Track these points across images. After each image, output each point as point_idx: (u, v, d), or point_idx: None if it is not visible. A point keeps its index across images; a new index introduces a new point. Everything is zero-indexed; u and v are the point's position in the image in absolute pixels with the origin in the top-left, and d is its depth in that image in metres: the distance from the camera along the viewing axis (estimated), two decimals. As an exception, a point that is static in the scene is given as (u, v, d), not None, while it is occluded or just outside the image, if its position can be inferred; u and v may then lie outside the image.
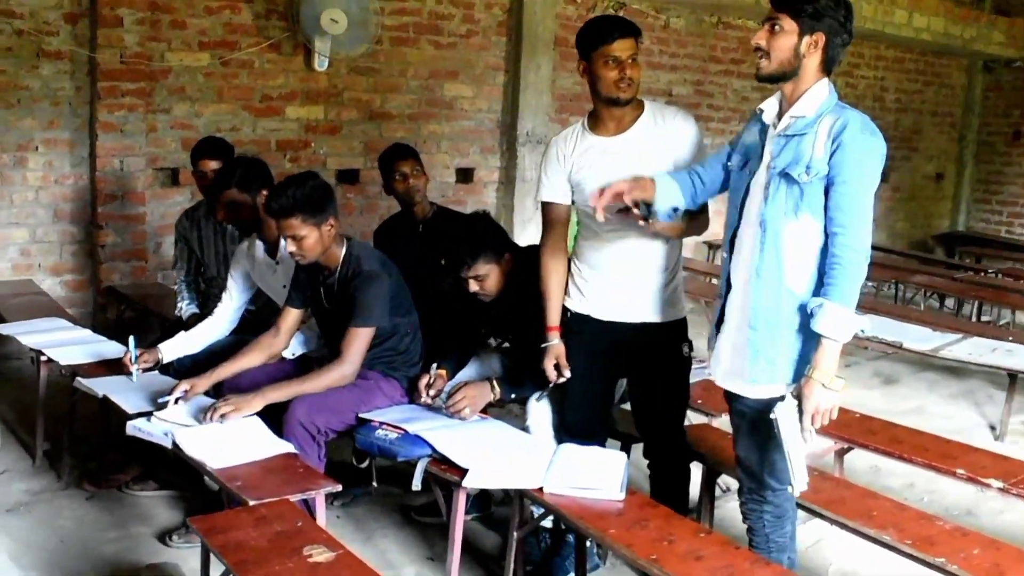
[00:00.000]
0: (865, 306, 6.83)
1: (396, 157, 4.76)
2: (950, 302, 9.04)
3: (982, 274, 9.21)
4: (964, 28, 10.65)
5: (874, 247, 9.48)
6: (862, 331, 2.83)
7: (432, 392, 3.74)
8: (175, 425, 3.41)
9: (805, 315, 2.76)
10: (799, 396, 2.74)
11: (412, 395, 3.85)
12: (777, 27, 2.76)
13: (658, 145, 3.31)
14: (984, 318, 8.44)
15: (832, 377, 2.70)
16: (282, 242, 4.11)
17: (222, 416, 3.40)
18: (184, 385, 3.62)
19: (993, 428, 5.76)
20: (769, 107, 2.88)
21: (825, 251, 2.75)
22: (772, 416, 2.75)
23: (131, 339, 3.98)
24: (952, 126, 12.42)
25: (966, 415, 6.04)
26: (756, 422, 2.90)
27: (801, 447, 2.77)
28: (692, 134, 3.37)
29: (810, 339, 2.76)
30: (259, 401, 3.50)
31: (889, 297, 9.12)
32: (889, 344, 6.00)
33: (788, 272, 2.79)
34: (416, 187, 4.73)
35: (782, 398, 2.78)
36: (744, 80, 9.71)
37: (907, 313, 7.03)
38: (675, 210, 3.07)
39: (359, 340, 3.69)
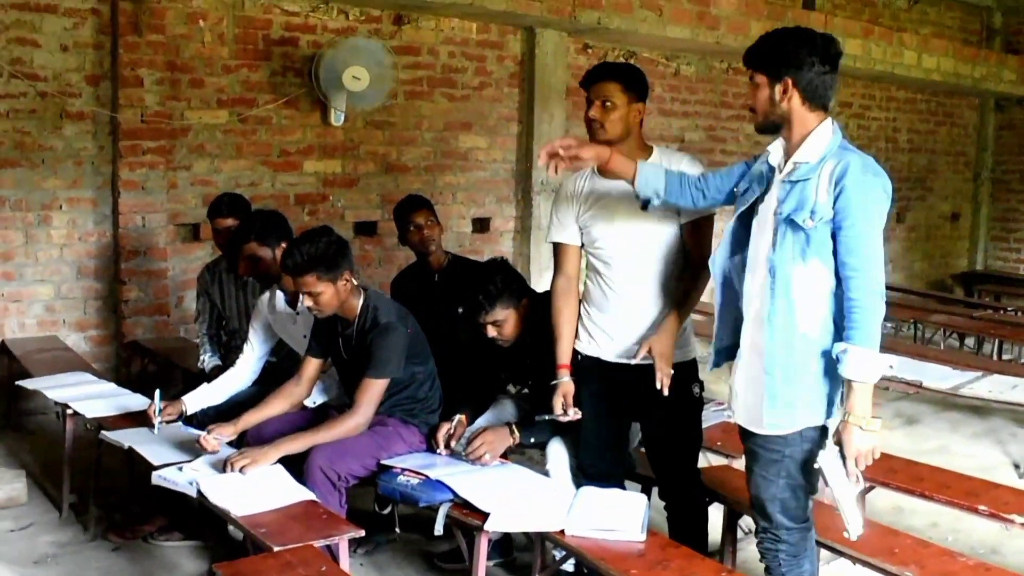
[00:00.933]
0: (884, 346, 6.74)
1: (410, 209, 4.84)
2: (970, 341, 9.00)
3: (1001, 312, 9.18)
4: (974, 67, 10.72)
5: (892, 287, 9.45)
6: (891, 367, 2.84)
7: (453, 442, 3.78)
8: (199, 474, 3.46)
9: (820, 358, 2.80)
10: (839, 442, 2.77)
11: (431, 443, 3.89)
12: (754, 83, 2.90)
13: None
14: (1005, 356, 8.39)
15: (868, 419, 2.73)
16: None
17: (241, 469, 3.45)
18: (212, 432, 3.67)
19: (1017, 466, 5.72)
20: (775, 150, 2.95)
21: (836, 294, 2.78)
22: (817, 466, 2.79)
23: (156, 392, 4.04)
24: (966, 165, 12.45)
25: (989, 454, 6.00)
26: (771, 461, 2.91)
27: (850, 492, 2.79)
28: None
29: (828, 380, 2.81)
30: (274, 453, 3.55)
31: (908, 337, 9.10)
32: (909, 383, 5.97)
33: (800, 317, 2.82)
34: (431, 237, 4.80)
35: (804, 438, 2.83)
36: (756, 125, 9.77)
37: (926, 352, 7.00)
38: (656, 196, 3.12)
39: (372, 391, 3.73)
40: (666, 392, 3.28)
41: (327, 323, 3.90)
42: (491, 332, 3.84)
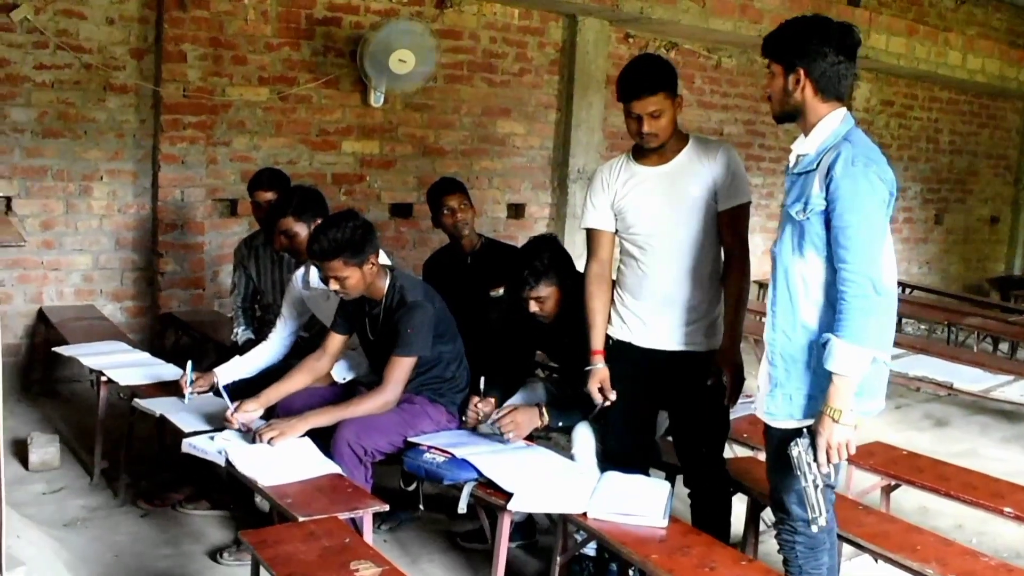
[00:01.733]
0: (916, 347, 6.78)
1: (444, 192, 4.87)
2: (1004, 346, 8.91)
3: (1037, 317, 9.08)
4: (1019, 70, 10.60)
5: (927, 289, 9.38)
6: (884, 362, 2.81)
7: (481, 413, 3.80)
8: (229, 443, 3.51)
9: (818, 350, 2.78)
10: (813, 431, 2.76)
11: (461, 419, 3.92)
12: (771, 73, 2.89)
13: (698, 177, 3.37)
14: (1039, 362, 8.31)
15: (844, 412, 2.70)
16: None
17: (269, 440, 3.49)
18: (239, 404, 3.72)
19: (1046, 472, 5.68)
20: (797, 143, 2.94)
21: (832, 285, 2.76)
22: (789, 452, 2.78)
23: (188, 363, 4.09)
24: (1007, 169, 12.31)
25: (1018, 458, 5.94)
26: (779, 452, 2.91)
27: (818, 482, 2.78)
28: (734, 164, 3.42)
29: (822, 374, 2.77)
30: (302, 425, 3.59)
31: (941, 339, 9.02)
32: (939, 384, 5.94)
33: (801, 307, 2.83)
34: (464, 221, 4.83)
35: (800, 432, 2.80)
36: (796, 120, 9.72)
37: (959, 355, 6.94)
38: None
39: (400, 369, 3.76)
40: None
41: (354, 301, 3.93)
42: (533, 307, 3.86)
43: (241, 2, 6.42)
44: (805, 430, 2.79)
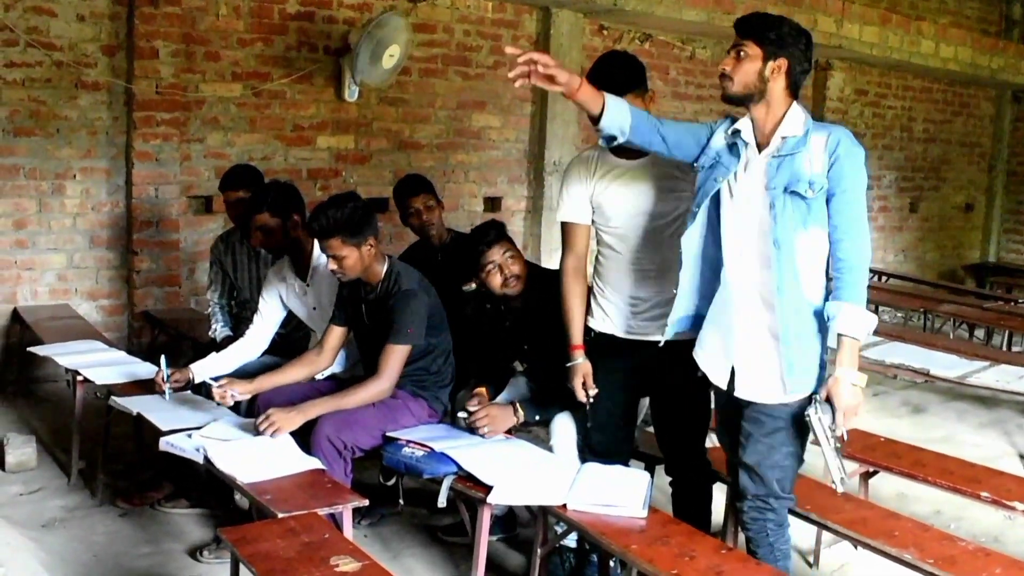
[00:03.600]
0: (892, 334, 6.82)
1: (408, 193, 4.86)
2: (979, 332, 8.99)
3: (1012, 304, 9.15)
4: (992, 58, 10.67)
5: (903, 277, 9.42)
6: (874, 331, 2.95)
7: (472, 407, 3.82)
8: (207, 440, 3.49)
9: (819, 323, 2.92)
10: (828, 398, 2.85)
11: (453, 416, 3.94)
12: (743, 53, 2.94)
13: (676, 167, 3.36)
14: (1014, 348, 8.39)
15: (858, 374, 2.84)
16: (313, 261, 4.20)
17: (272, 434, 3.50)
18: (224, 383, 3.73)
19: (1022, 456, 5.72)
20: (745, 127, 3.00)
21: (827, 258, 2.93)
22: (807, 418, 2.86)
23: (162, 358, 4.06)
24: (981, 156, 12.40)
25: (995, 444, 6.00)
26: (775, 429, 2.98)
27: (838, 446, 2.88)
28: None
29: (822, 346, 2.95)
30: (300, 417, 3.59)
31: (917, 327, 9.09)
32: (916, 371, 5.97)
33: (805, 285, 2.92)
34: (430, 221, 4.83)
35: (810, 401, 2.90)
36: (771, 110, 9.76)
37: (935, 341, 6.99)
38: (621, 133, 3.03)
39: (396, 357, 3.76)
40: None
41: (351, 289, 3.93)
42: (496, 281, 3.87)
43: (213, -3, 6.38)
44: (816, 397, 2.89)
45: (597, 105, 2.98)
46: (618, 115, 2.99)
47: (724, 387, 3.11)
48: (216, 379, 3.89)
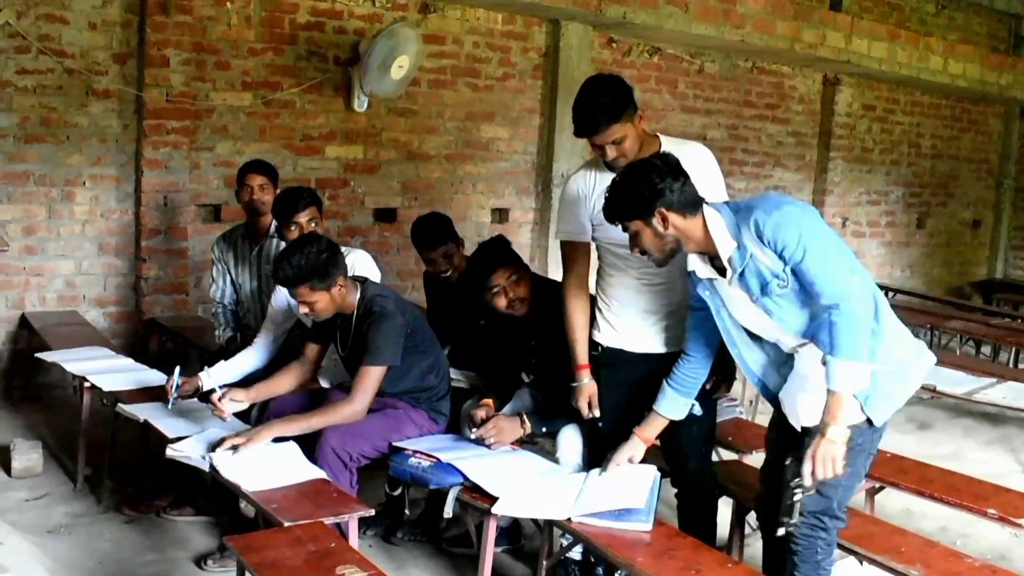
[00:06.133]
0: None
1: (425, 248, 4.64)
2: (986, 349, 8.97)
3: (1019, 321, 9.13)
4: (1000, 75, 10.67)
5: (910, 293, 9.37)
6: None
7: (479, 418, 3.82)
8: (200, 448, 3.50)
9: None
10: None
11: (462, 425, 3.95)
12: (632, 232, 2.99)
13: None
14: (1022, 365, 8.35)
15: (832, 427, 2.83)
16: None
17: (234, 448, 3.45)
18: (225, 392, 3.74)
19: (1029, 473, 5.72)
20: (699, 267, 3.02)
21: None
22: (787, 462, 2.94)
23: (177, 369, 4.05)
24: (989, 173, 12.38)
25: (1002, 461, 5.99)
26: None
27: (799, 494, 2.92)
28: (709, 166, 3.44)
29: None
30: (267, 434, 3.55)
31: (924, 343, 9.05)
32: (923, 387, 5.95)
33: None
34: (449, 267, 4.64)
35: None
36: (778, 125, 9.78)
37: (942, 358, 6.93)
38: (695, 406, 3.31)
39: (368, 378, 3.71)
40: None
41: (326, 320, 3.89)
42: (501, 303, 3.87)
43: (224, 6, 6.40)
44: (806, 440, 2.89)
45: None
46: (675, 407, 3.31)
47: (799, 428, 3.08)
48: (222, 386, 3.90)
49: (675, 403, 3.28)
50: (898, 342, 2.98)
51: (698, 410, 3.38)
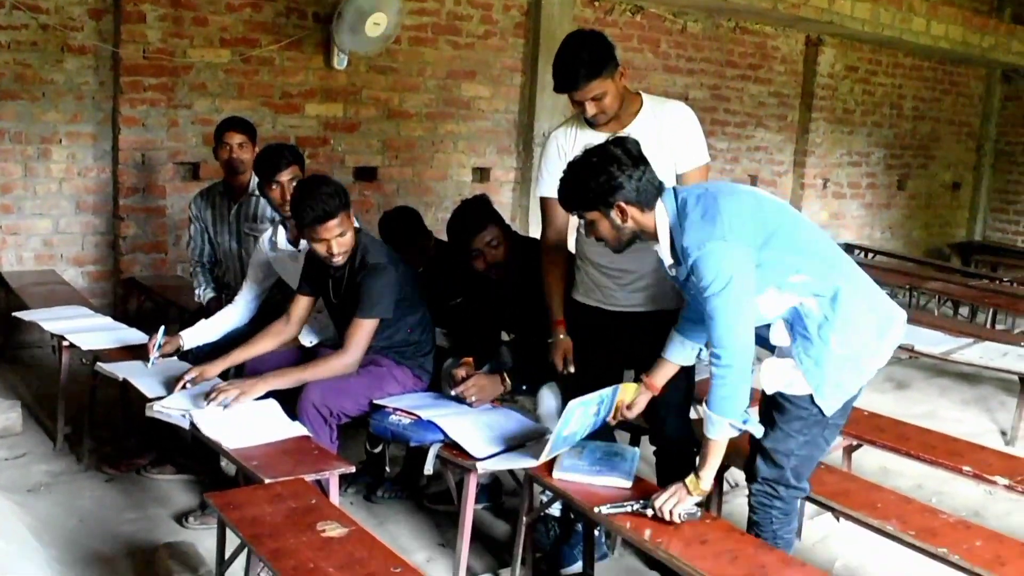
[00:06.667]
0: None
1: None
2: (964, 310, 9.04)
3: (997, 282, 9.19)
4: (982, 37, 10.65)
5: (889, 254, 9.44)
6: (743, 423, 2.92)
7: (459, 376, 3.82)
8: (187, 408, 3.48)
9: (820, 332, 2.90)
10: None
11: (443, 384, 3.95)
12: (589, 221, 2.98)
13: (656, 140, 3.34)
14: (998, 326, 8.43)
15: (699, 487, 2.93)
16: None
17: (224, 401, 3.43)
18: (194, 371, 3.69)
19: (1004, 433, 5.77)
20: (663, 254, 2.98)
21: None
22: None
23: (161, 328, 4.03)
24: (970, 135, 12.40)
25: (978, 420, 6.05)
26: (796, 417, 2.98)
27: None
28: (690, 125, 3.43)
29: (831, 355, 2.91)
30: (261, 386, 3.55)
31: (903, 303, 9.10)
32: (901, 347, 6.00)
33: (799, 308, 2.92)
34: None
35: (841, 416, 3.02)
36: (760, 85, 9.75)
37: (920, 318, 7.01)
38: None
39: (362, 331, 3.72)
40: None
41: (317, 263, 3.88)
42: (480, 264, 3.91)
43: (202, -39, 6.32)
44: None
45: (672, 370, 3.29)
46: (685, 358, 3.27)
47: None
48: (199, 348, 3.91)
49: (683, 348, 3.25)
50: (857, 330, 2.91)
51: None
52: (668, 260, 2.93)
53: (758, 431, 2.96)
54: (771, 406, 3.05)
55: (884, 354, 3.02)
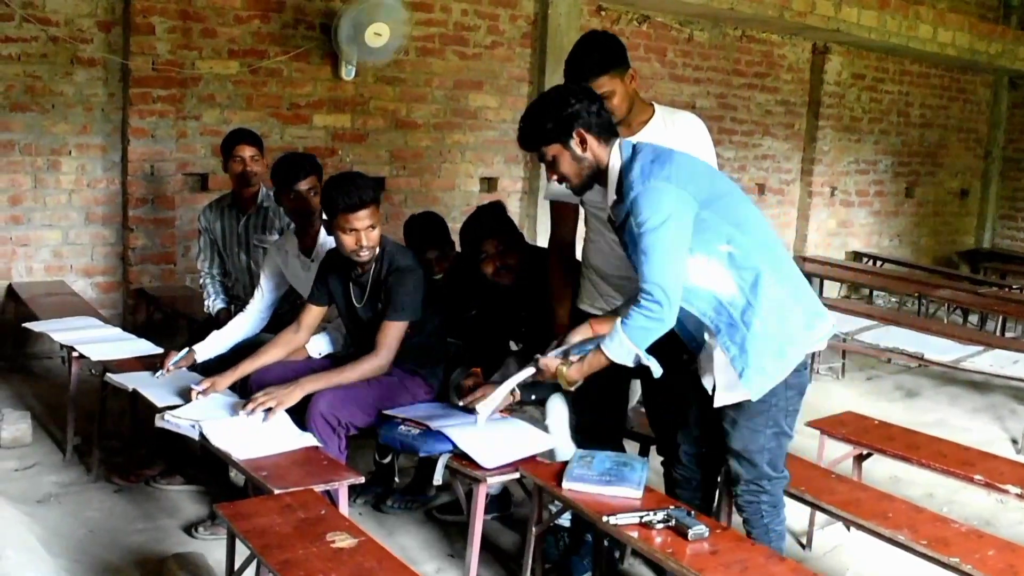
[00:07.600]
0: (887, 319, 6.85)
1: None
2: (974, 318, 9.01)
3: (1006, 290, 9.17)
4: (989, 44, 10.64)
5: (898, 262, 9.42)
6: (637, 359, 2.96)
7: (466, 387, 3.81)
8: (202, 418, 3.49)
9: (739, 317, 2.93)
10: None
11: (450, 394, 3.94)
12: (551, 158, 2.99)
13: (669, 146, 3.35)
14: (1008, 333, 8.40)
15: (573, 384, 3.07)
16: (320, 239, 4.16)
17: (266, 410, 3.46)
18: (206, 383, 3.70)
19: (1015, 441, 5.74)
20: (610, 190, 3.01)
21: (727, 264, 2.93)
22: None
23: (185, 350, 4.05)
24: (977, 142, 12.38)
25: (988, 428, 6.02)
26: (757, 412, 3.00)
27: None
28: (701, 137, 3.43)
29: (777, 331, 2.93)
30: (299, 392, 3.56)
31: (912, 311, 9.11)
32: (910, 355, 6.00)
33: (721, 294, 2.95)
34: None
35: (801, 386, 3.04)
36: (767, 94, 9.75)
37: (929, 326, 7.01)
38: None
39: (393, 333, 3.75)
40: None
41: (337, 271, 3.89)
42: (489, 269, 3.90)
43: (209, -27, 6.35)
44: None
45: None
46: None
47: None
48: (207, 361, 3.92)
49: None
50: (781, 317, 2.93)
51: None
52: (612, 197, 2.96)
53: (657, 370, 2.96)
54: (730, 407, 3.06)
55: (809, 346, 3.04)
